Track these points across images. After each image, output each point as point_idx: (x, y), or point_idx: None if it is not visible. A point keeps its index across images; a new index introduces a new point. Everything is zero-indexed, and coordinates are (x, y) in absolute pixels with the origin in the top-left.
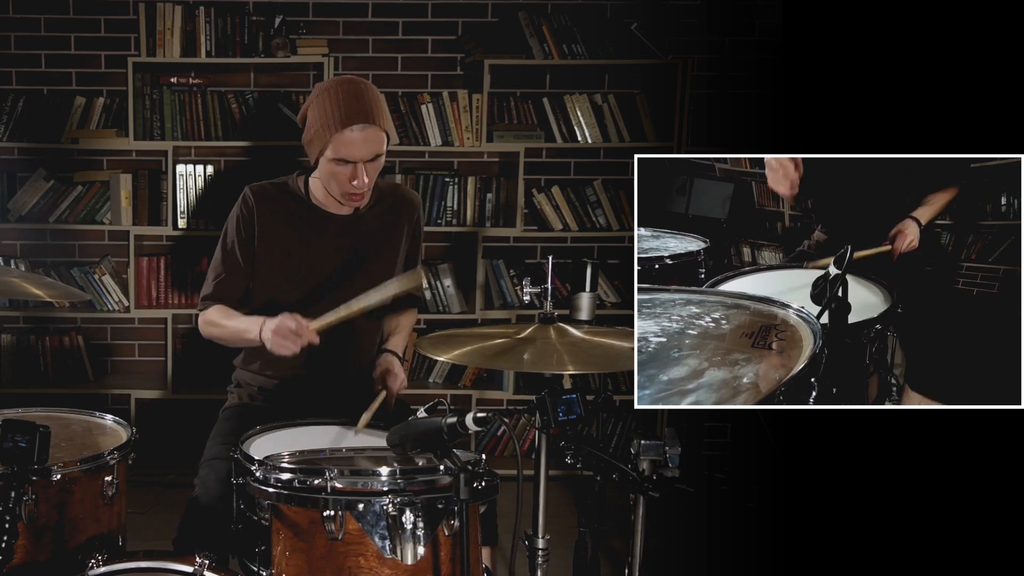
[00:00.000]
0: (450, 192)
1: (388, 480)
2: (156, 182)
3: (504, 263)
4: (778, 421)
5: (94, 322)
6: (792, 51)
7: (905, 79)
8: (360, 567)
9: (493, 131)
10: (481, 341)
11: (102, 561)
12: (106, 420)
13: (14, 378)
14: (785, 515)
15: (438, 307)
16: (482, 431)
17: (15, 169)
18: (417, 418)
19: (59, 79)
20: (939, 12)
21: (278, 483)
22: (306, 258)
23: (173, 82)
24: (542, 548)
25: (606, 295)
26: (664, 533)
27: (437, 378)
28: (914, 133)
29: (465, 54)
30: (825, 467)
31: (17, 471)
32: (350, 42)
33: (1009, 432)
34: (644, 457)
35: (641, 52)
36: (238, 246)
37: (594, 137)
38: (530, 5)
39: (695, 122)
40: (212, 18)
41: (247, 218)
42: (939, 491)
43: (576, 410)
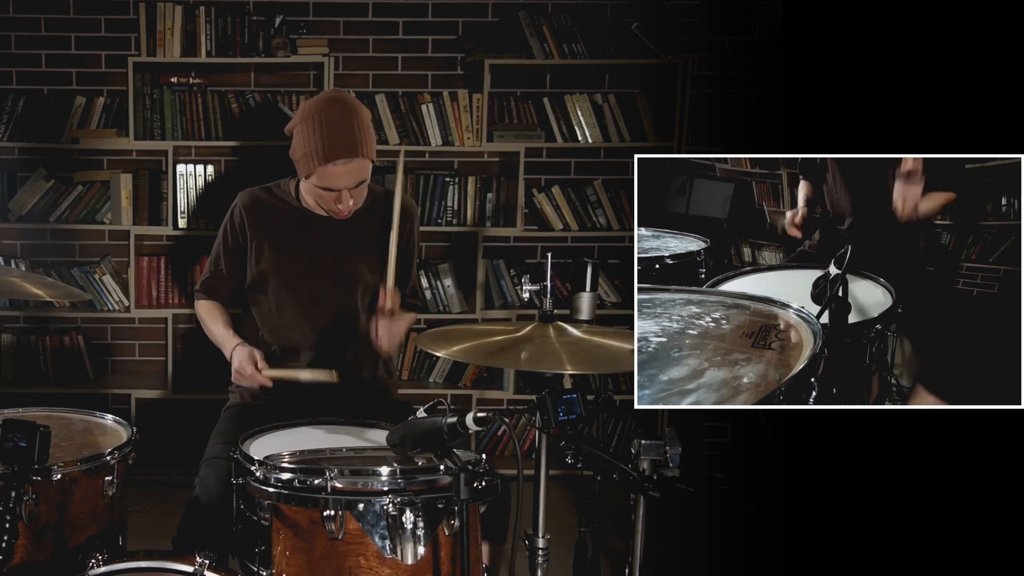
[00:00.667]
0: (450, 192)
1: (388, 480)
2: (156, 182)
3: (504, 263)
4: (778, 421)
5: (94, 322)
6: (792, 51)
7: (905, 79)
8: (360, 567)
9: (493, 131)
10: (479, 338)
11: (102, 561)
12: (106, 420)
13: (14, 378)
14: (785, 515)
15: (438, 307)
16: (482, 431)
17: (15, 169)
18: (417, 418)
19: (59, 79)
20: (939, 12)
21: (278, 483)
22: (299, 261)
23: (173, 82)
24: (542, 548)
25: (606, 295)
26: (664, 533)
27: (437, 378)
28: (914, 133)
29: (465, 54)
30: (825, 467)
31: (17, 471)
32: (350, 42)
33: (1009, 432)
34: (644, 457)
35: (641, 52)
36: (224, 255)
37: (594, 137)
38: (530, 5)
39: (695, 122)
40: (212, 18)
41: (236, 228)
42: (939, 491)
43: (576, 410)
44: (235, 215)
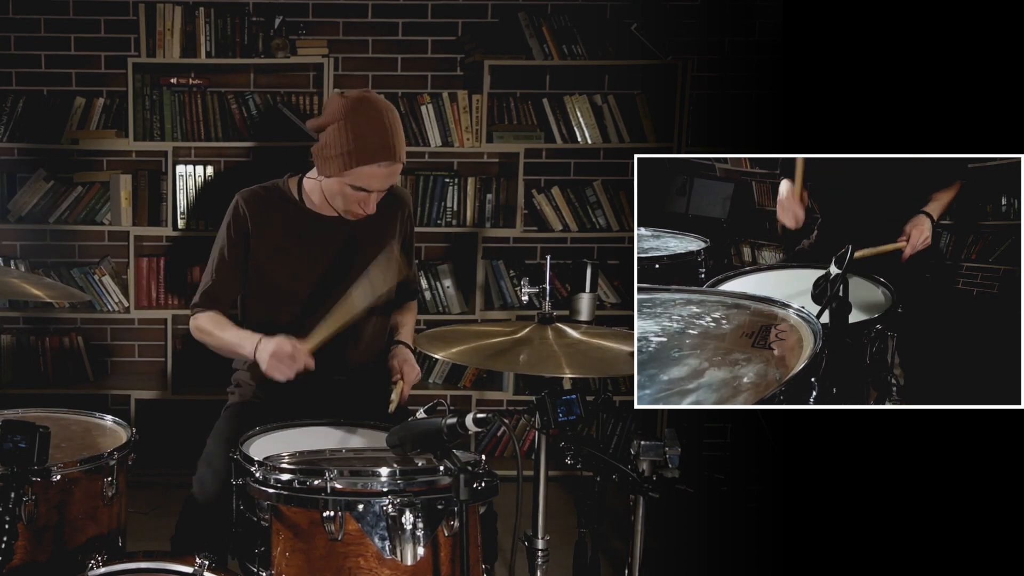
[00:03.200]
0: (450, 193)
1: (388, 481)
2: (156, 183)
3: (504, 264)
4: (778, 421)
5: (94, 323)
6: (792, 51)
7: (905, 79)
8: (360, 568)
9: (493, 131)
10: (478, 339)
11: (102, 561)
12: (106, 420)
13: (14, 378)
14: (785, 515)
15: (438, 308)
16: (482, 432)
17: (15, 169)
18: (417, 419)
19: (59, 79)
20: (939, 12)
21: (278, 484)
22: (301, 259)
23: (173, 83)
24: (542, 548)
25: (606, 296)
26: (664, 533)
27: (437, 379)
28: (914, 133)
29: (465, 54)
30: (825, 467)
31: (17, 472)
32: (350, 42)
33: (1009, 432)
34: (644, 458)
35: (641, 52)
36: (228, 254)
37: (594, 137)
38: (530, 5)
39: (695, 122)
40: (212, 18)
41: (238, 226)
42: (939, 491)
43: (576, 411)
44: (238, 213)
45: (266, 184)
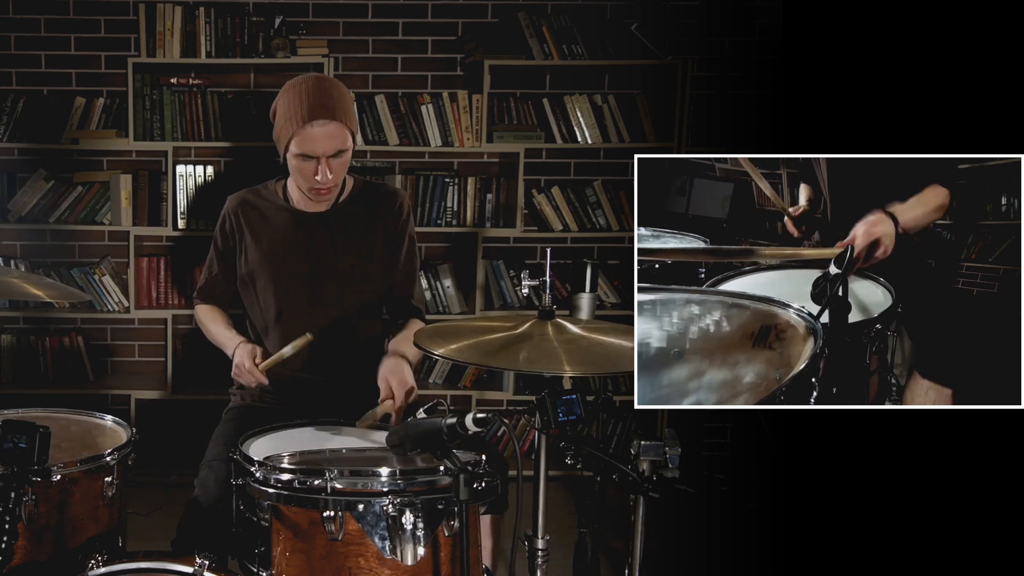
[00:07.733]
0: (450, 193)
1: (388, 480)
2: (156, 183)
3: (504, 264)
4: (778, 421)
5: (94, 322)
6: (792, 51)
7: (905, 79)
8: (360, 568)
9: (493, 131)
10: (477, 335)
11: (102, 562)
12: (106, 421)
13: (14, 378)
14: (785, 515)
15: (438, 308)
16: (482, 432)
17: (15, 169)
18: (417, 419)
19: (59, 79)
20: (938, 12)
21: (278, 484)
22: (289, 257)
23: (173, 82)
24: (542, 548)
25: (606, 295)
26: (664, 533)
27: (437, 378)
28: (914, 133)
29: (465, 54)
30: (825, 467)
31: (17, 471)
32: (350, 42)
33: (1009, 432)
34: (644, 458)
35: (641, 52)
36: (217, 258)
37: (594, 137)
38: (530, 5)
39: (695, 122)
40: (212, 18)
41: (228, 229)
42: (939, 491)
43: (576, 411)
44: (226, 218)
45: (254, 187)
